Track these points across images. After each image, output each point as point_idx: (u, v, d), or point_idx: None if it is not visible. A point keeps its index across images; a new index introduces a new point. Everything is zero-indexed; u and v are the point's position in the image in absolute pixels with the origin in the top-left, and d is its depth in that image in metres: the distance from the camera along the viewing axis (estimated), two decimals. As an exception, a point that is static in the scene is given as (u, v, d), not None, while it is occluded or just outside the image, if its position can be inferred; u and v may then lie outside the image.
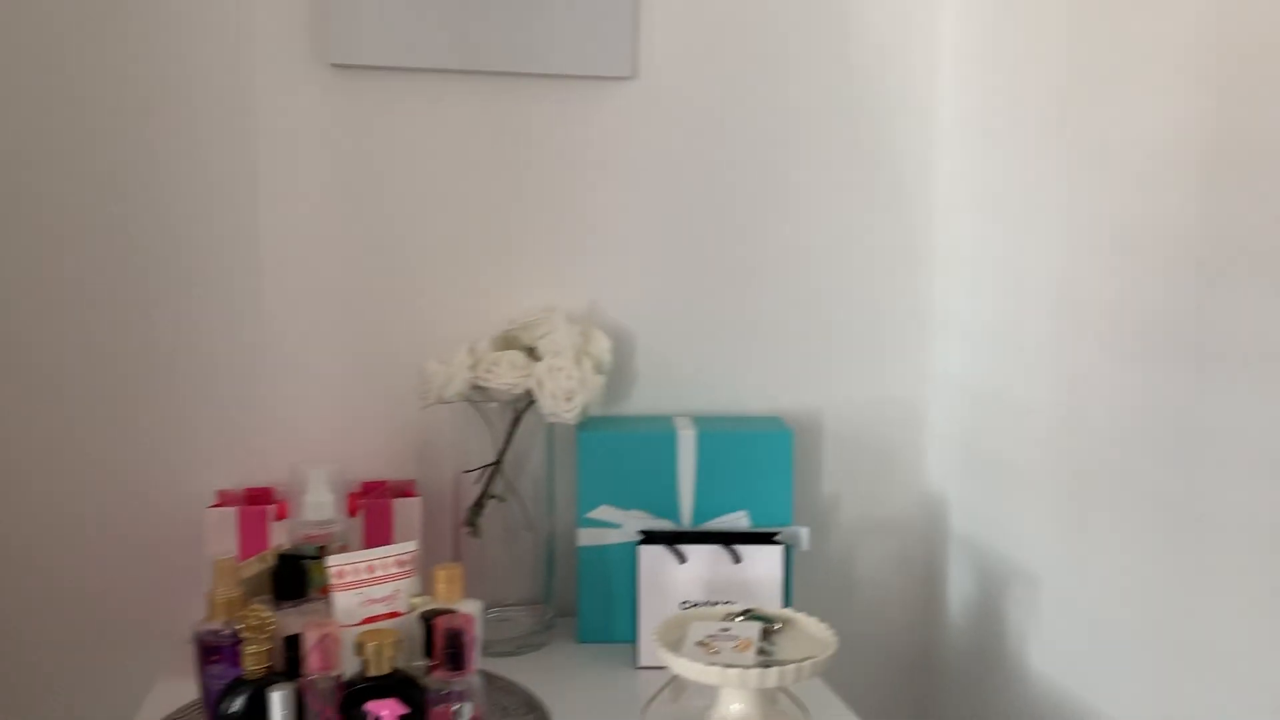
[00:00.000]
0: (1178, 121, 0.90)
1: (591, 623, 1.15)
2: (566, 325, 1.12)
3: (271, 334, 1.16)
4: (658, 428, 1.15)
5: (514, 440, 1.12)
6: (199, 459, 1.15)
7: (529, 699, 0.99)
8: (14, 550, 1.13)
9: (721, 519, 1.14)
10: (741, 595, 1.06)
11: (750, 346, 1.26)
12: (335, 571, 0.88)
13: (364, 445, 1.18)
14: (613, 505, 1.13)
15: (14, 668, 1.14)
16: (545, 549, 1.15)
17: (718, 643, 0.92)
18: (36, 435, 1.13)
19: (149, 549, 1.14)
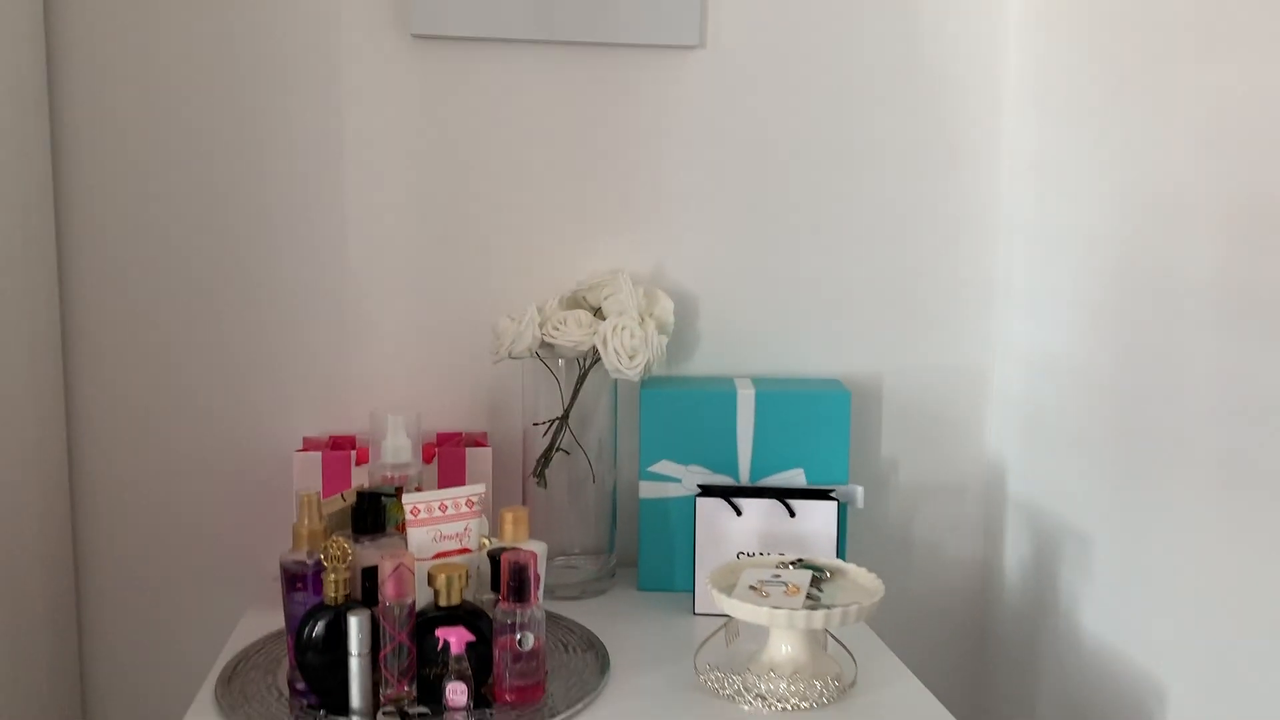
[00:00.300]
0: (1234, 88, 0.90)
1: (651, 572, 1.20)
2: (631, 287, 1.16)
3: (356, 292, 1.23)
4: (718, 386, 1.19)
5: (580, 396, 1.17)
6: (289, 408, 1.23)
7: (589, 637, 1.05)
8: (121, 489, 1.22)
9: (778, 476, 1.18)
10: (795, 548, 1.10)
11: (812, 311, 1.29)
12: (410, 509, 0.94)
13: (440, 398, 1.25)
14: (673, 460, 1.18)
15: (119, 599, 1.23)
16: (609, 501, 1.21)
17: (769, 588, 0.96)
18: (144, 383, 1.21)
19: (242, 490, 1.22)
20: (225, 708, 0.90)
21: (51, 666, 1.17)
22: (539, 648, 0.91)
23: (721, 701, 0.93)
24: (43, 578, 1.15)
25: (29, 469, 1.12)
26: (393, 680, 0.88)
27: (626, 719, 0.90)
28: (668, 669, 0.99)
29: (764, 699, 0.91)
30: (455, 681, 0.89)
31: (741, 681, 0.92)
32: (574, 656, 1.01)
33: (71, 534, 1.22)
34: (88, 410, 1.21)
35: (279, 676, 0.96)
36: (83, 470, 1.21)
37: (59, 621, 1.19)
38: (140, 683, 1.24)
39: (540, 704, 0.91)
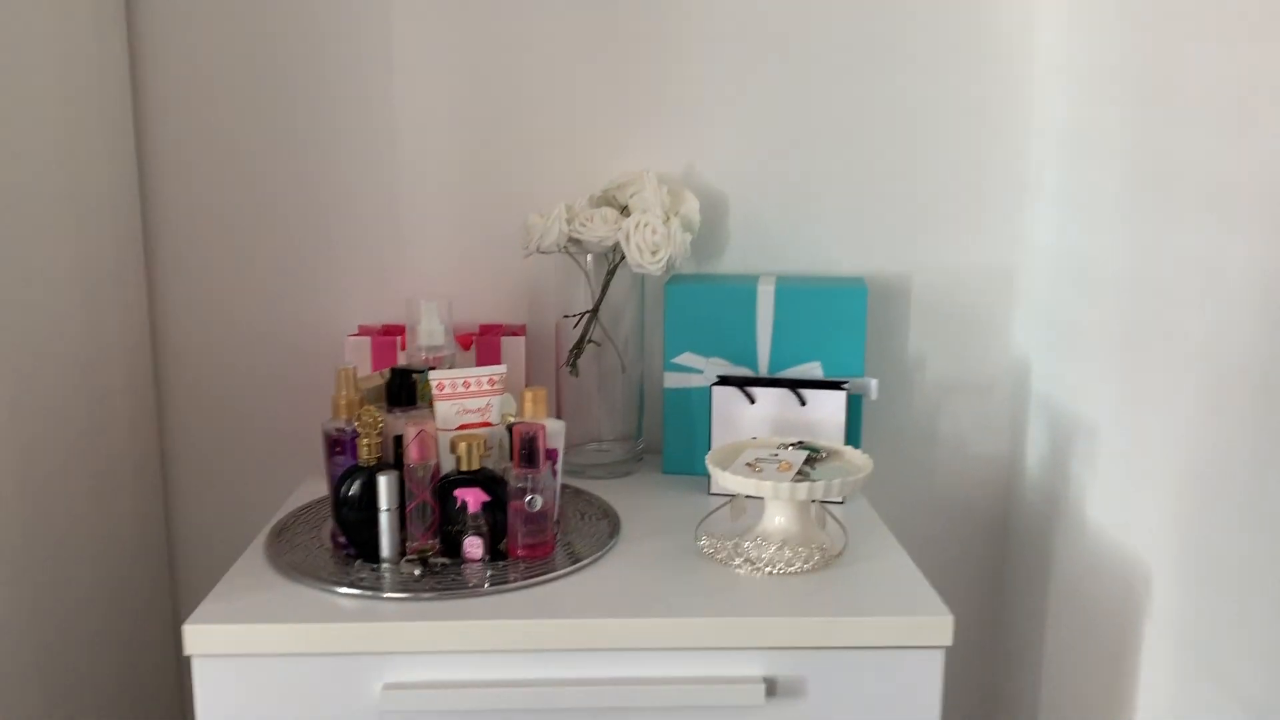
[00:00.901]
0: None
1: (675, 456, 1.27)
2: (655, 185, 1.22)
3: (406, 191, 1.32)
4: (741, 283, 1.25)
5: (609, 291, 1.24)
6: (347, 298, 1.34)
7: (606, 508, 1.14)
8: (199, 364, 1.36)
9: (795, 369, 1.23)
10: (806, 435, 1.16)
11: (841, 211, 1.33)
12: (437, 384, 1.04)
13: (484, 292, 1.34)
14: (695, 353, 1.25)
15: (187, 465, 1.38)
16: (636, 390, 1.28)
17: (764, 465, 1.03)
18: (220, 273, 1.34)
19: (304, 369, 1.35)
20: (272, 554, 1.02)
21: (138, 514, 1.33)
22: (548, 510, 1.00)
23: (715, 565, 1.00)
24: (129, 440, 1.30)
25: (114, 349, 1.26)
26: (417, 534, 0.99)
27: (624, 575, 0.98)
28: (673, 538, 1.07)
29: (752, 563, 0.98)
30: (472, 536, 0.99)
31: (734, 547, 1.00)
32: (589, 523, 1.10)
33: (155, 403, 1.36)
34: (171, 293, 1.34)
35: (323, 531, 1.07)
36: (166, 347, 1.35)
37: (146, 476, 1.34)
38: (216, 534, 1.39)
39: (549, 559, 1.00)
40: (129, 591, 1.29)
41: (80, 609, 1.18)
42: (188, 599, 1.41)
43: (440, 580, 0.96)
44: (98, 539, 1.22)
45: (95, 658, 1.22)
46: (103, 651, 1.23)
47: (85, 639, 1.19)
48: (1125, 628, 1.08)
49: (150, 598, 1.35)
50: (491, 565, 0.99)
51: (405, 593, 0.94)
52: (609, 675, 0.91)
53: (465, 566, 0.99)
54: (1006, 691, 1.41)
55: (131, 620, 1.30)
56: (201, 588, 1.34)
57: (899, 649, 0.91)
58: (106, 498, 1.24)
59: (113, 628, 1.25)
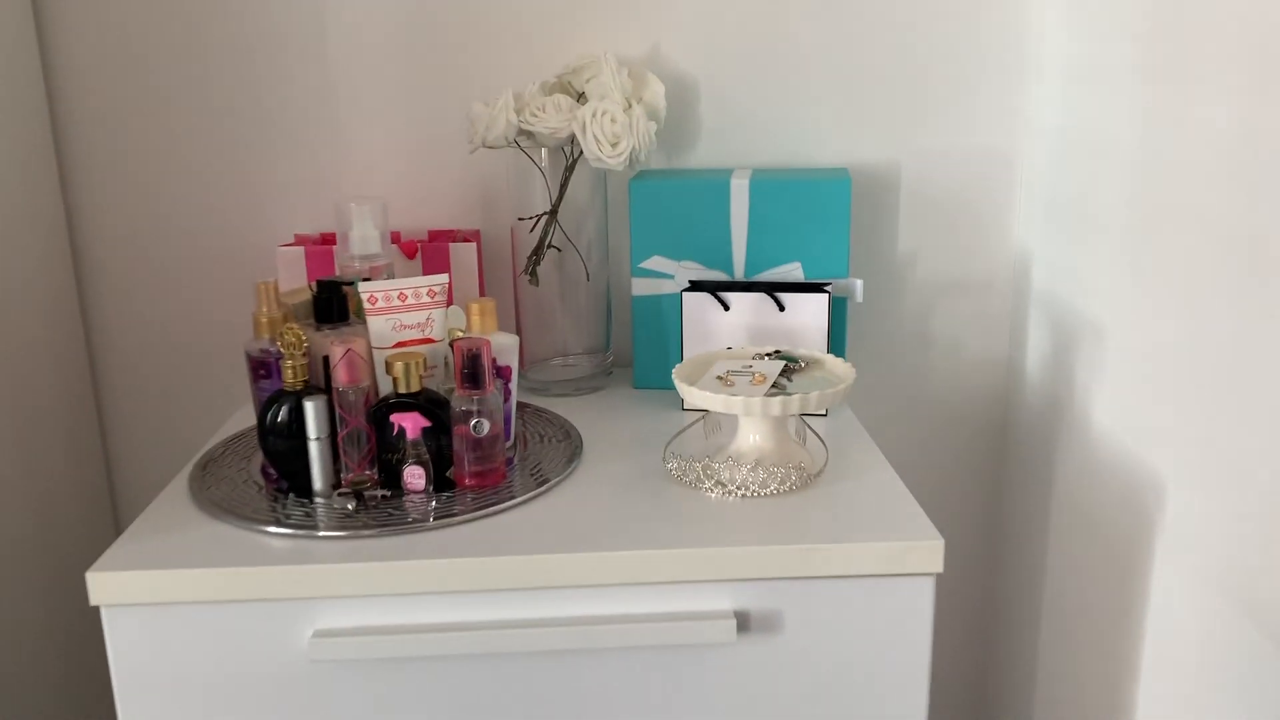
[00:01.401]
0: None
1: (646, 370, 1.17)
2: (614, 68, 1.09)
3: (339, 81, 1.19)
4: (713, 177, 1.13)
5: (568, 190, 1.12)
6: (281, 206, 1.22)
7: (567, 428, 1.04)
8: (126, 281, 1.25)
9: (774, 270, 1.12)
10: (784, 343, 1.06)
11: (823, 95, 1.20)
12: (368, 296, 0.93)
13: (433, 195, 1.22)
14: (665, 256, 1.13)
15: (119, 388, 1.28)
16: (603, 299, 1.18)
17: (736, 378, 0.93)
18: (144, 185, 1.22)
19: (235, 285, 1.23)
20: (196, 490, 0.92)
21: (72, 448, 1.23)
22: (497, 434, 0.90)
23: (684, 489, 0.91)
24: (55, 364, 1.20)
25: (34, 267, 1.15)
26: (352, 464, 0.89)
27: (583, 503, 0.89)
28: (639, 459, 0.97)
29: (724, 486, 0.89)
30: (413, 465, 0.89)
31: (703, 469, 0.90)
32: (548, 446, 1.00)
33: (82, 323, 1.25)
34: (89, 210, 1.22)
35: (253, 463, 0.98)
36: (87, 266, 1.24)
37: (77, 403, 1.25)
38: (153, 467, 1.30)
39: (499, 488, 0.91)
40: (63, 532, 1.21)
41: (11, 554, 1.10)
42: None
43: (378, 515, 0.86)
44: (29, 477, 1.13)
45: (24, 605, 1.14)
46: (33, 600, 1.15)
47: (13, 587, 1.11)
48: (1134, 542, 1.00)
49: (89, 538, 1.26)
50: (435, 497, 0.89)
51: (339, 530, 0.84)
52: (564, 614, 0.82)
53: (406, 499, 0.89)
54: (1005, 611, 1.34)
55: (66, 564, 1.21)
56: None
57: (884, 577, 0.82)
58: (36, 435, 1.14)
59: (46, 574, 1.17)
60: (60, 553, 1.19)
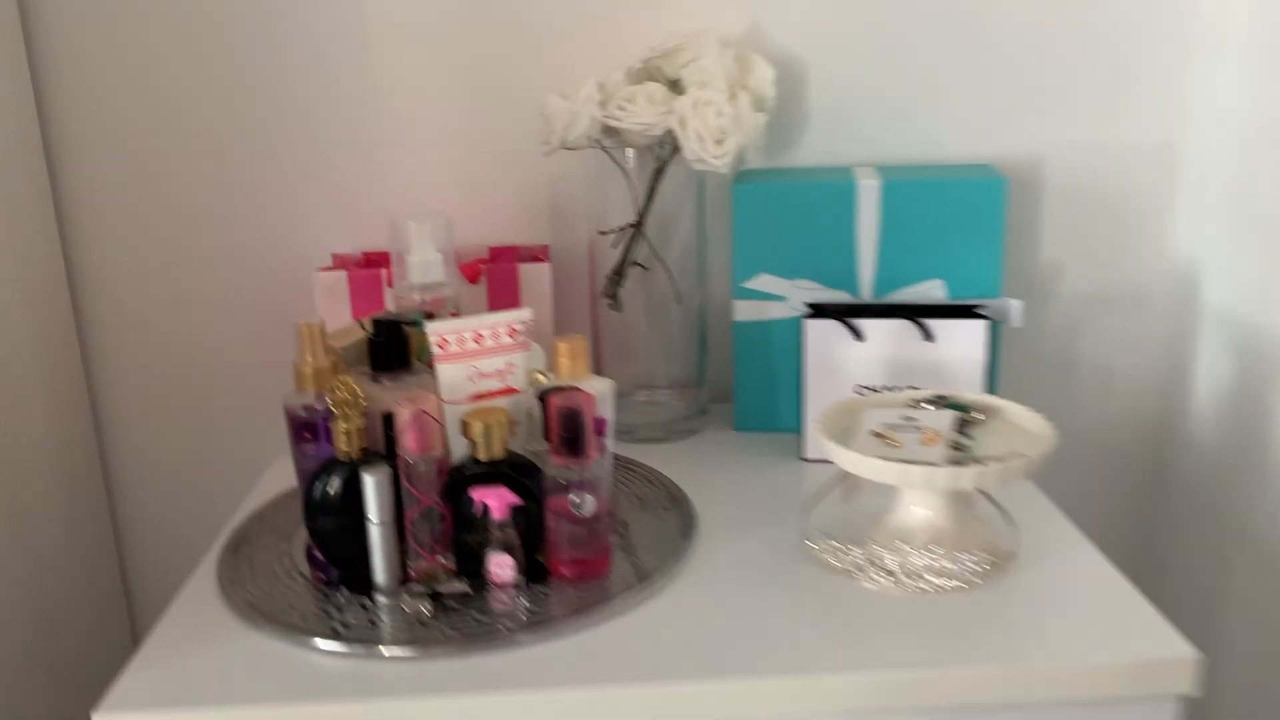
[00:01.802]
0: None
1: (750, 408, 0.99)
2: (718, 50, 0.90)
3: (378, 70, 1.01)
4: (833, 178, 0.94)
5: (657, 196, 0.93)
6: (312, 223, 1.03)
7: (672, 491, 0.85)
8: (131, 326, 1.06)
9: (910, 289, 0.94)
10: (932, 380, 0.87)
11: (954, 77, 1.01)
12: (438, 340, 0.75)
13: (494, 204, 1.03)
14: (775, 274, 0.95)
15: (140, 439, 1.09)
16: (697, 324, 0.99)
17: (899, 434, 0.74)
18: (145, 210, 1.03)
19: (265, 319, 1.05)
20: (226, 582, 0.74)
21: (74, 511, 1.05)
22: (602, 512, 0.72)
23: (838, 578, 0.73)
24: (49, 396, 1.01)
25: (29, 321, 0.97)
26: (422, 551, 0.71)
27: (711, 600, 0.71)
28: (769, 532, 0.79)
29: (893, 575, 0.71)
30: (498, 553, 0.71)
31: (864, 553, 0.72)
32: (653, 516, 0.82)
33: (82, 362, 1.07)
34: (85, 241, 1.04)
35: (295, 542, 0.80)
36: (89, 308, 1.06)
37: (80, 466, 1.06)
38: (173, 534, 1.12)
39: (605, 578, 0.72)
40: (67, 618, 1.03)
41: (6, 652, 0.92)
42: (145, 615, 1.15)
43: (458, 621, 0.68)
44: (22, 545, 0.95)
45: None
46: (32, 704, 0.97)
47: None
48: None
49: (101, 617, 1.08)
50: (528, 592, 0.71)
51: (411, 647, 0.66)
52: (706, 754, 0.64)
53: (491, 595, 0.71)
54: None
55: (71, 663, 1.03)
56: (159, 601, 1.09)
57: (1113, 704, 0.64)
58: (33, 508, 0.96)
59: (47, 679, 0.99)
60: (64, 648, 1.01)
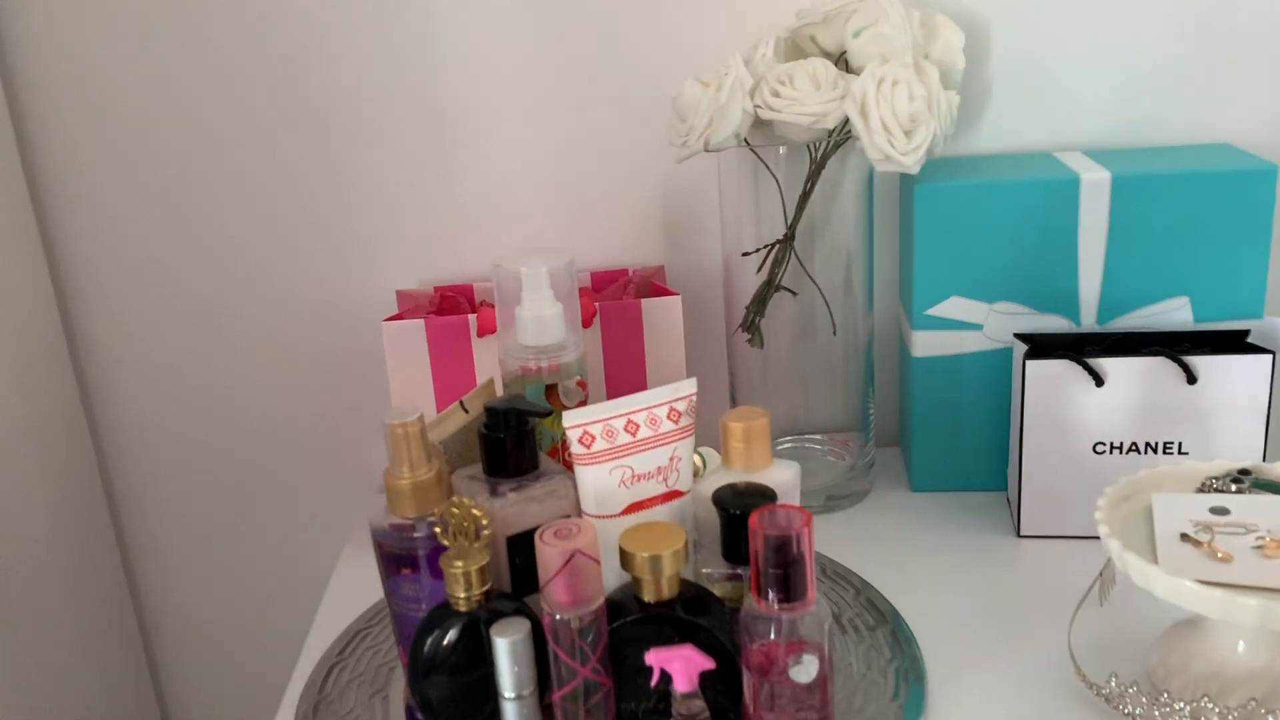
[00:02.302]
0: None
1: (932, 465, 0.79)
2: (903, 11, 0.69)
3: (444, 49, 0.79)
4: (1043, 172, 0.73)
5: (811, 203, 0.73)
6: (367, 247, 0.83)
7: (870, 598, 0.65)
8: (190, 390, 0.86)
9: (1144, 312, 0.73)
10: (1197, 438, 0.67)
11: (1187, 38, 0.79)
12: (580, 436, 0.54)
13: (589, 219, 0.83)
14: (968, 296, 0.74)
15: (203, 512, 0.90)
16: (861, 361, 0.78)
17: (1222, 539, 0.54)
18: (188, 243, 0.83)
19: (315, 379, 0.85)
20: (311, 779, 0.55)
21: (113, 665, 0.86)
22: (825, 674, 0.52)
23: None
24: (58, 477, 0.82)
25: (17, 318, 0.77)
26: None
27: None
28: (1020, 665, 0.59)
29: (1235, 745, 0.51)
30: (685, 735, 0.51)
31: (1176, 703, 0.52)
32: (857, 643, 0.62)
33: (101, 483, 0.87)
34: (81, 271, 0.84)
35: (392, 700, 0.60)
36: (95, 377, 0.86)
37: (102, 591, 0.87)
38: (216, 676, 0.93)
39: (830, 761, 0.53)
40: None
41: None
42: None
43: (641, 841, 0.49)
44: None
45: None
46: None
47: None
48: None
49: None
50: (727, 784, 0.52)
51: None
52: None
53: (678, 794, 0.51)
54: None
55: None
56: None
57: None
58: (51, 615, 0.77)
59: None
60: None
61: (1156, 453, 0.68)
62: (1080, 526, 0.70)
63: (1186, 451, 0.68)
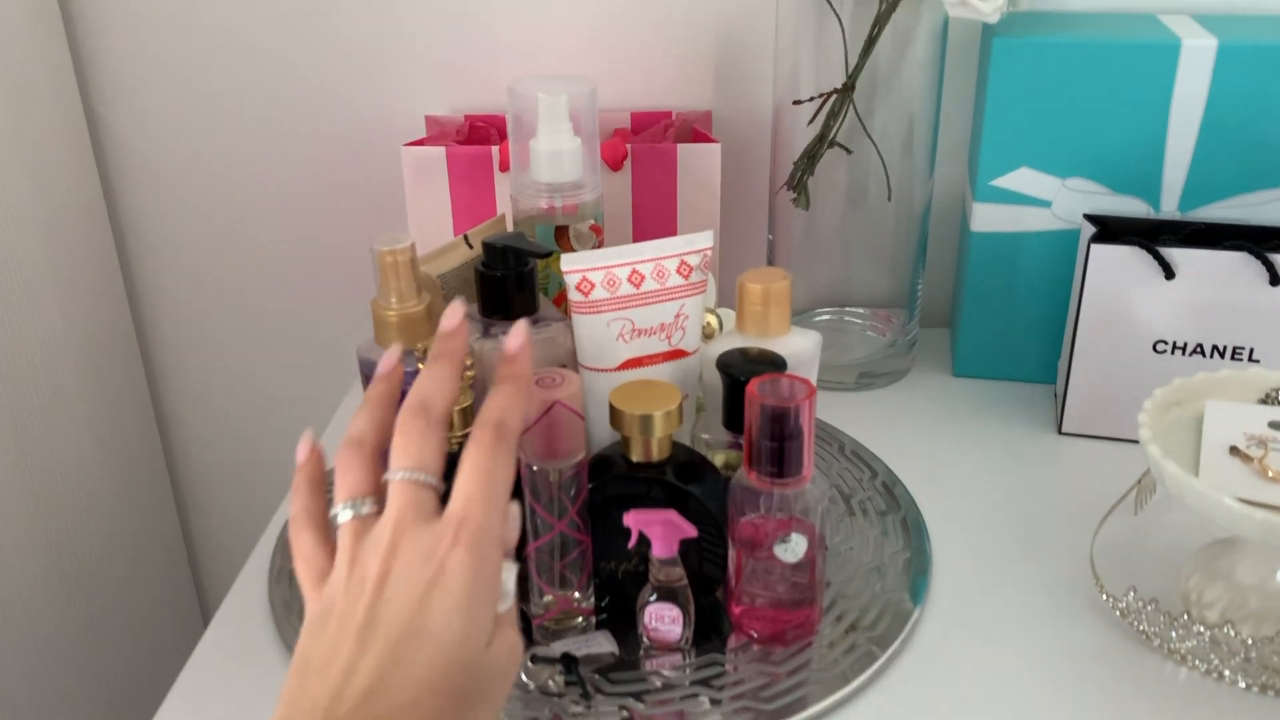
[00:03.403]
0: None
1: (979, 350, 0.73)
2: None
3: None
4: (1140, 35, 0.65)
5: (876, 51, 0.66)
6: (399, 74, 0.78)
7: (886, 481, 0.62)
8: (213, 204, 0.84)
9: (1235, 201, 0.65)
10: (1272, 344, 0.61)
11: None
12: (578, 282, 0.50)
13: (633, 56, 0.76)
14: (1038, 168, 0.67)
15: (223, 323, 0.89)
16: (915, 230, 0.72)
17: (1277, 455, 0.49)
18: (214, 52, 0.79)
19: (335, 198, 0.82)
20: (278, 604, 0.54)
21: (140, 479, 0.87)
22: (813, 554, 0.49)
23: (1154, 656, 0.49)
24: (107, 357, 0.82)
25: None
26: (550, 590, 0.50)
27: (960, 685, 0.48)
28: (1035, 566, 0.55)
29: (1226, 654, 0.47)
30: (660, 603, 0.49)
31: (1209, 637, 0.48)
32: (865, 526, 0.58)
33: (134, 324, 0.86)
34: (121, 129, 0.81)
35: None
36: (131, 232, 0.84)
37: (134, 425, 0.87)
38: (234, 494, 0.94)
39: (809, 640, 0.50)
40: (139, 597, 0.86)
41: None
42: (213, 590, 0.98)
43: (603, 704, 0.47)
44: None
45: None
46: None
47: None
48: None
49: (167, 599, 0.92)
50: (699, 658, 0.49)
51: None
52: None
53: (648, 661, 0.49)
54: None
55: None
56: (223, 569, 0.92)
57: None
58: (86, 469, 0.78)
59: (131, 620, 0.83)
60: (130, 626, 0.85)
61: (1224, 358, 0.62)
62: (1127, 429, 0.65)
63: (1259, 360, 0.62)
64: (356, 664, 0.32)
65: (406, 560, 0.34)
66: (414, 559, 0.34)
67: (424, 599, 0.33)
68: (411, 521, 0.35)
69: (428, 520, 0.35)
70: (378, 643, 0.33)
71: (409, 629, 0.33)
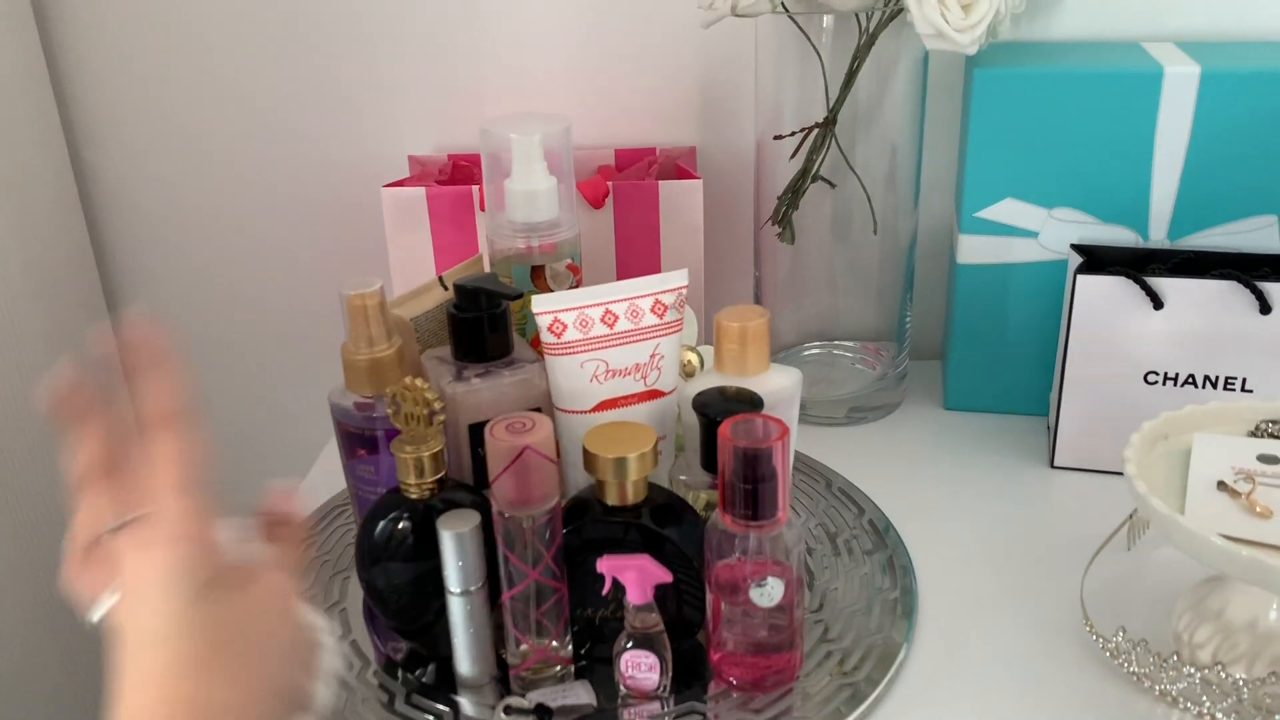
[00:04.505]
0: None
1: (968, 383, 0.72)
2: None
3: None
4: (1122, 63, 0.64)
5: (857, 84, 0.65)
6: (390, 116, 0.78)
7: (874, 519, 0.61)
8: (196, 242, 0.84)
9: (1224, 229, 0.64)
10: (1263, 374, 0.60)
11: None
12: (549, 324, 0.50)
13: (614, 95, 0.76)
14: (1023, 199, 0.66)
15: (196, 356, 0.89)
16: (901, 263, 0.72)
17: (1266, 489, 0.47)
18: (200, 88, 0.80)
19: (330, 235, 0.82)
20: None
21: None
22: (791, 599, 0.47)
23: (1145, 698, 0.48)
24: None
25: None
26: (524, 639, 0.49)
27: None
28: (1025, 603, 0.54)
29: (1239, 715, 0.45)
30: (636, 650, 0.48)
31: (1200, 679, 0.46)
32: (850, 565, 0.57)
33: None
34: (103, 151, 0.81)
35: (350, 593, 0.58)
36: (109, 227, 0.84)
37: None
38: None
39: (790, 685, 0.49)
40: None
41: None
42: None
43: (578, 754, 0.46)
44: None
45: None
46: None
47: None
48: None
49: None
50: (678, 706, 0.48)
51: (508, 789, 0.44)
52: None
53: (625, 710, 0.48)
54: None
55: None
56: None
57: None
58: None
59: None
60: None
61: (1215, 388, 0.61)
62: (1121, 462, 0.63)
63: (1252, 389, 0.61)
64: None
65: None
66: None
67: None
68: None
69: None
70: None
71: None
